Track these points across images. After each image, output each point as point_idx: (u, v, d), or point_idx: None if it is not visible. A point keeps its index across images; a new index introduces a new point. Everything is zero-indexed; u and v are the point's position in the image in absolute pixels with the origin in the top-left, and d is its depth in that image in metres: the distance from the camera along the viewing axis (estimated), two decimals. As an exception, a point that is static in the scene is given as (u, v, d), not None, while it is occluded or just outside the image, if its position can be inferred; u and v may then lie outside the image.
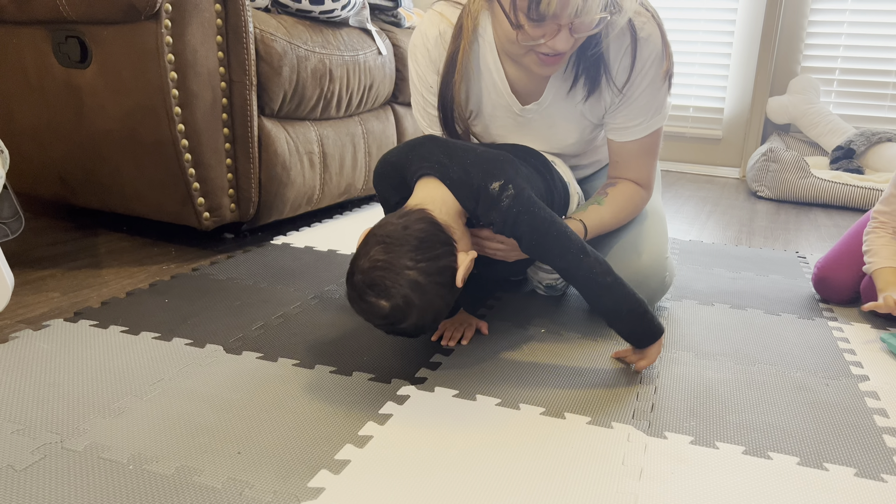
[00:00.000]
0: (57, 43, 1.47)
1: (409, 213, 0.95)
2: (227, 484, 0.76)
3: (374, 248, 0.92)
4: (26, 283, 1.38)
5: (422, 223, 0.93)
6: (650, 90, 1.15)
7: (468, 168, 0.99)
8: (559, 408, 0.96)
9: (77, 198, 1.70)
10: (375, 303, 0.91)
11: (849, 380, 1.09)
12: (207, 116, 1.48)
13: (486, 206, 0.98)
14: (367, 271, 0.91)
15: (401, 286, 0.89)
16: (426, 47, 1.18)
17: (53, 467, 0.78)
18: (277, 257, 1.60)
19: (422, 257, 0.91)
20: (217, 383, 0.99)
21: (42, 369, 1.01)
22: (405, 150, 1.06)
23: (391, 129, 2.12)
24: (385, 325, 0.94)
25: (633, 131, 1.19)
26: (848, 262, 1.43)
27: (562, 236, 0.98)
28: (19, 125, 1.63)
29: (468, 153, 1.02)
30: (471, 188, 0.98)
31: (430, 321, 0.95)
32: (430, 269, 0.91)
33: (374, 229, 0.95)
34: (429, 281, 0.91)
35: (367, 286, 0.91)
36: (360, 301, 0.93)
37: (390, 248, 0.91)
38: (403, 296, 0.90)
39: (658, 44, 1.12)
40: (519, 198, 0.97)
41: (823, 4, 3.07)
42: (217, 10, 1.46)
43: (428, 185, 1.00)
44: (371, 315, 0.93)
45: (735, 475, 0.82)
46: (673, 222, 2.18)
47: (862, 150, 2.83)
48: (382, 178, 1.10)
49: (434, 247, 0.92)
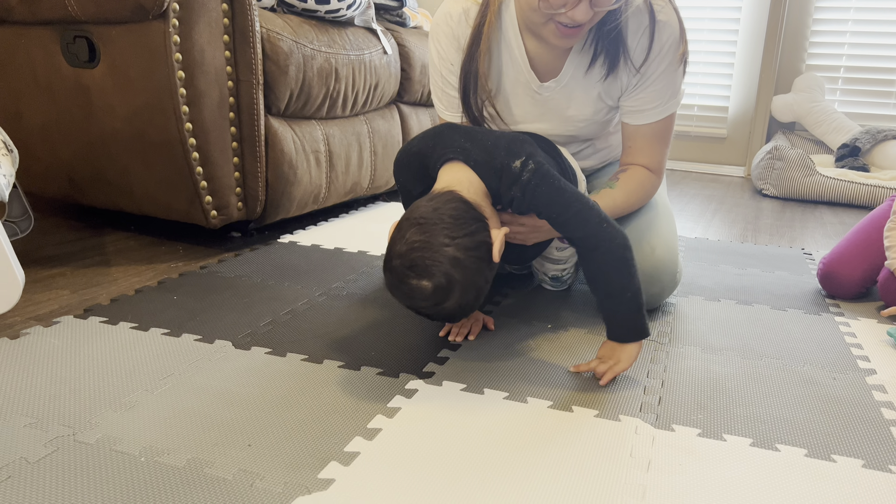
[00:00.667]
0: (65, 43, 1.48)
1: (438, 195, 0.96)
2: (238, 476, 0.77)
3: (409, 231, 0.92)
4: (36, 280, 1.39)
5: (453, 202, 0.94)
6: (667, 73, 1.17)
7: (489, 149, 1.01)
8: (567, 401, 0.96)
9: (85, 197, 1.71)
10: (418, 284, 0.90)
11: (856, 373, 1.09)
12: (215, 115, 1.49)
13: (508, 182, 0.99)
14: (405, 254, 0.91)
15: (441, 264, 0.89)
16: (449, 25, 1.20)
17: (66, 460, 0.79)
18: (284, 255, 1.61)
19: (458, 234, 0.91)
20: (226, 378, 1.00)
21: (53, 364, 1.02)
22: (426, 139, 1.06)
23: (396, 129, 2.12)
24: (430, 306, 0.93)
25: (648, 114, 1.21)
26: (855, 258, 1.43)
27: (583, 206, 0.99)
28: (28, 125, 1.64)
29: (488, 135, 1.04)
30: (493, 167, 0.99)
31: (473, 299, 0.95)
32: (467, 244, 0.91)
33: (405, 215, 0.95)
34: (468, 256, 0.91)
35: (407, 268, 0.90)
36: (401, 286, 0.92)
37: (426, 229, 0.91)
38: (445, 272, 0.89)
39: (676, 28, 1.14)
40: (538, 171, 0.98)
41: (828, 2, 3.07)
42: (224, 10, 1.47)
43: (453, 168, 1.01)
44: (415, 298, 0.92)
45: (743, 467, 0.83)
46: (678, 220, 2.18)
47: (867, 147, 2.83)
48: (404, 168, 1.10)
49: (468, 223, 0.93)
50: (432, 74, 1.27)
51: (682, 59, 1.17)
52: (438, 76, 1.26)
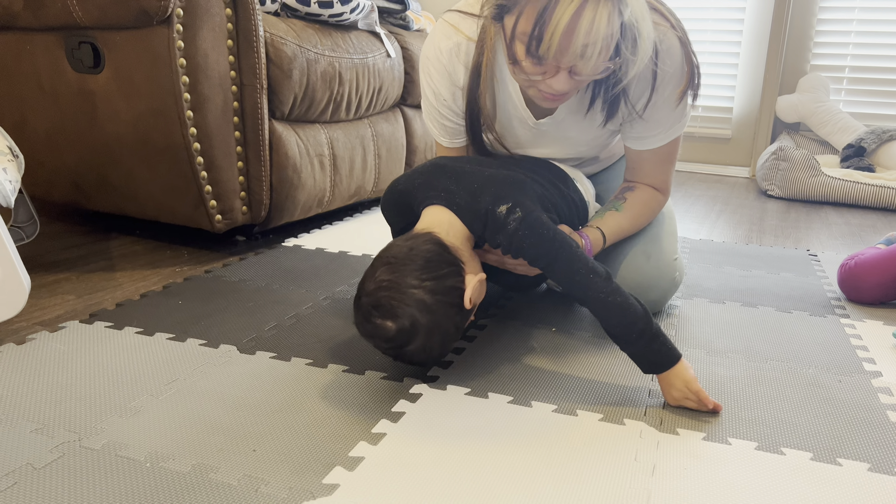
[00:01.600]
0: (70, 49, 1.48)
1: (415, 235, 0.96)
2: (243, 481, 0.77)
3: (379, 269, 0.92)
4: (42, 285, 1.39)
5: (428, 244, 0.94)
6: (667, 106, 1.13)
7: (475, 192, 0.99)
8: (571, 405, 0.96)
9: (91, 202, 1.72)
10: (381, 324, 0.90)
11: (861, 376, 1.09)
12: (219, 120, 1.50)
13: (493, 229, 0.98)
14: (372, 292, 0.91)
15: (407, 306, 0.89)
16: (440, 61, 1.16)
17: (72, 465, 0.79)
18: (289, 259, 1.61)
19: (427, 276, 0.90)
20: (231, 383, 1.00)
21: (58, 370, 1.02)
22: (413, 178, 1.06)
23: (400, 131, 2.13)
24: (391, 347, 0.93)
25: (652, 141, 1.18)
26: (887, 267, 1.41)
27: (570, 258, 0.96)
28: (34, 130, 1.64)
29: (476, 177, 1.01)
30: (477, 212, 0.98)
31: (438, 344, 0.94)
32: (436, 288, 0.90)
33: (380, 253, 0.96)
34: (435, 300, 0.90)
35: (372, 307, 0.91)
36: (365, 324, 0.93)
37: (395, 269, 0.91)
38: (409, 315, 0.89)
39: (677, 58, 1.08)
40: (526, 220, 0.96)
41: (832, 2, 3.06)
42: (228, 15, 1.47)
43: (434, 210, 1.00)
44: (377, 338, 0.93)
45: (748, 470, 0.82)
46: (683, 221, 2.18)
47: (873, 147, 2.82)
48: (389, 205, 1.11)
49: (440, 266, 0.92)
50: (424, 104, 1.24)
51: (683, 96, 1.11)
52: (432, 108, 1.22)
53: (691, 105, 1.14)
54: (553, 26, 0.88)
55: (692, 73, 1.10)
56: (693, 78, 1.10)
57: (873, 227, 2.23)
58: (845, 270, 1.46)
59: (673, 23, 1.08)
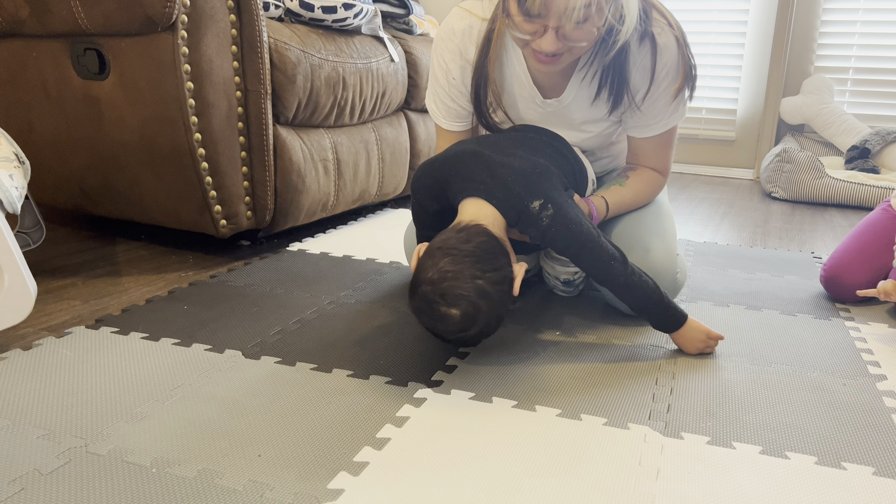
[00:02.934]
0: (76, 55, 1.49)
1: (467, 227, 1.02)
2: (248, 486, 0.77)
3: (441, 261, 0.97)
4: (48, 291, 1.40)
5: (482, 236, 1.00)
6: (664, 100, 1.19)
7: (509, 186, 1.05)
8: (575, 409, 0.96)
9: (96, 207, 1.73)
10: (447, 312, 0.96)
11: (866, 379, 1.09)
12: (223, 125, 1.50)
13: (526, 223, 1.05)
14: (436, 282, 0.96)
15: (470, 294, 0.95)
16: (453, 41, 1.23)
17: (78, 471, 0.79)
18: (293, 264, 1.61)
19: (487, 267, 0.97)
20: (236, 388, 1.00)
21: (65, 375, 1.03)
22: (448, 164, 1.10)
23: (404, 136, 2.13)
24: (454, 332, 0.99)
25: (652, 128, 1.24)
26: (861, 260, 1.43)
27: (594, 248, 1.06)
28: (40, 137, 1.65)
29: (509, 169, 1.06)
30: (514, 207, 1.05)
31: (493, 327, 1.03)
32: (495, 278, 0.98)
33: (435, 244, 1.00)
34: (494, 290, 0.97)
35: (438, 296, 0.96)
36: (429, 311, 0.98)
37: (457, 260, 0.97)
38: (473, 303, 0.96)
39: (674, 54, 1.15)
40: (557, 217, 1.04)
41: (836, 4, 3.06)
42: (232, 21, 1.48)
43: (476, 203, 1.05)
44: (442, 323, 0.98)
45: (752, 475, 0.82)
46: (687, 224, 2.18)
47: (877, 149, 2.81)
48: (424, 189, 1.13)
49: (497, 258, 0.99)
50: (432, 88, 1.30)
51: (679, 92, 1.18)
52: (440, 90, 1.28)
53: (688, 99, 1.21)
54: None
55: (688, 71, 1.16)
56: (689, 76, 1.17)
57: (878, 229, 2.22)
58: (823, 280, 1.49)
59: (671, 21, 1.14)
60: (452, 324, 0.97)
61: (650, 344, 1.20)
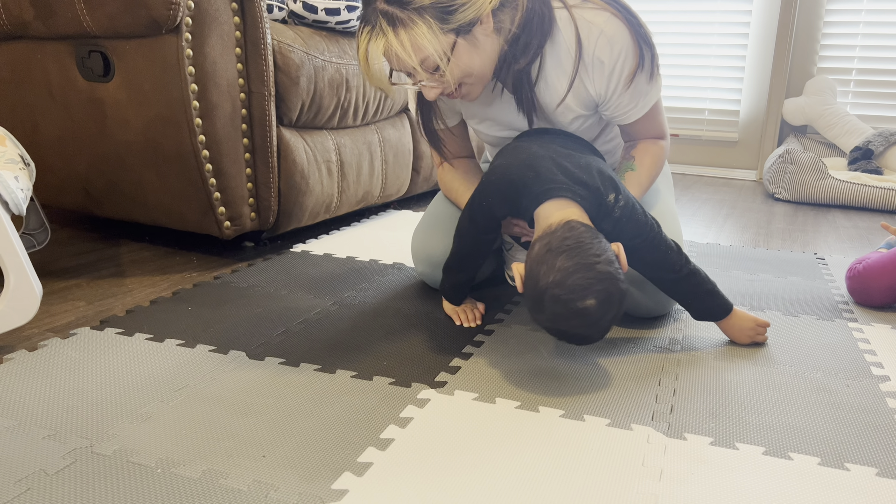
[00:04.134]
0: (80, 57, 1.50)
1: (561, 226, 1.02)
2: (253, 486, 0.78)
3: (556, 261, 0.97)
4: (53, 292, 1.41)
5: (579, 227, 1.01)
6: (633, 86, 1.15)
7: (588, 182, 1.07)
8: (578, 410, 0.97)
9: (100, 209, 1.73)
10: (583, 305, 0.96)
11: (869, 380, 1.09)
12: (227, 127, 1.51)
13: (602, 215, 1.08)
14: (561, 282, 0.96)
15: (596, 282, 0.96)
16: None
17: (84, 471, 0.80)
18: (297, 265, 1.62)
19: (597, 251, 0.99)
20: (241, 388, 1.01)
21: (70, 376, 1.03)
22: (524, 168, 1.10)
23: (407, 137, 2.14)
24: (597, 321, 0.98)
25: (632, 113, 1.20)
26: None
27: (656, 237, 1.12)
28: (44, 138, 1.66)
29: (577, 166, 1.09)
30: (595, 202, 1.07)
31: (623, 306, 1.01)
32: (607, 258, 0.99)
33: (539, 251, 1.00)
34: (612, 269, 0.99)
35: (568, 293, 0.96)
36: (566, 313, 0.97)
37: (571, 255, 0.97)
38: (603, 288, 0.97)
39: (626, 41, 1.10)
40: (627, 206, 1.08)
41: (839, 4, 3.06)
42: (236, 23, 1.48)
43: (557, 203, 1.06)
44: (583, 319, 0.97)
45: (755, 475, 0.83)
46: (690, 225, 2.18)
47: (880, 150, 2.81)
48: (496, 193, 1.12)
49: (599, 241, 1.01)
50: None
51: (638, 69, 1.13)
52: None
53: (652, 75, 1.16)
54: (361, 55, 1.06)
55: (641, 57, 1.12)
56: (643, 56, 1.12)
57: (881, 231, 2.22)
58: (854, 274, 1.45)
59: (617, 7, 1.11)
60: (594, 314, 0.97)
61: (653, 345, 1.20)
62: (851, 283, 1.46)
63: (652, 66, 1.14)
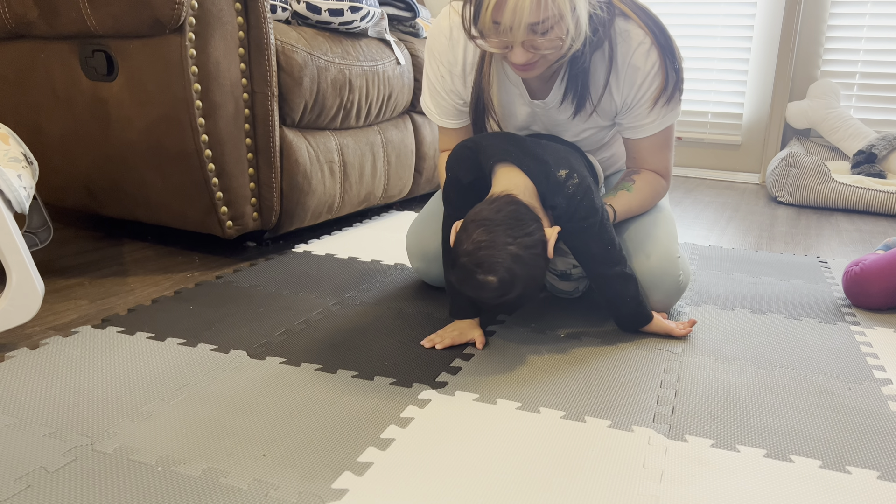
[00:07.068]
0: (84, 57, 1.50)
1: (498, 198, 1.06)
2: (253, 485, 0.78)
3: (475, 232, 1.02)
4: (55, 291, 1.41)
5: (512, 205, 1.04)
6: (645, 103, 1.20)
7: (538, 155, 1.11)
8: (579, 411, 0.97)
9: (103, 208, 1.74)
10: (484, 279, 1.00)
11: (871, 383, 1.09)
12: (230, 127, 1.51)
13: (552, 191, 1.09)
14: (472, 253, 1.01)
15: (504, 260, 0.99)
16: (443, 35, 1.25)
17: (84, 469, 0.80)
18: (299, 265, 1.62)
19: (518, 234, 1.01)
20: (242, 388, 1.01)
21: (71, 374, 1.03)
22: (481, 139, 1.17)
23: (410, 138, 2.14)
24: (495, 297, 1.02)
25: (646, 129, 1.24)
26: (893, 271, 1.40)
27: (606, 228, 1.13)
28: (48, 137, 1.66)
29: (536, 145, 1.13)
30: (543, 174, 1.09)
31: (533, 289, 1.06)
32: (526, 242, 1.01)
33: (469, 217, 1.05)
34: (527, 253, 1.01)
35: (475, 265, 1.00)
36: (469, 280, 1.01)
37: (490, 229, 1.01)
38: (508, 269, 0.99)
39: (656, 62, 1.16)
40: (581, 185, 1.10)
41: (843, 8, 3.05)
42: (239, 23, 1.49)
43: (508, 172, 1.10)
44: (482, 291, 1.01)
45: (756, 478, 0.82)
46: (692, 228, 2.18)
47: (884, 154, 2.80)
48: (460, 160, 1.17)
49: (527, 224, 1.03)
50: (426, 85, 1.32)
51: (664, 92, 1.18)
52: (433, 86, 1.31)
53: (676, 100, 1.21)
54: (486, 4, 1.00)
55: (666, 78, 1.17)
56: (668, 83, 1.18)
57: (884, 234, 2.22)
58: (851, 276, 1.45)
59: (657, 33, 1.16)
60: (492, 290, 1.00)
61: (655, 347, 1.20)
62: (848, 285, 1.46)
63: (674, 89, 1.19)
